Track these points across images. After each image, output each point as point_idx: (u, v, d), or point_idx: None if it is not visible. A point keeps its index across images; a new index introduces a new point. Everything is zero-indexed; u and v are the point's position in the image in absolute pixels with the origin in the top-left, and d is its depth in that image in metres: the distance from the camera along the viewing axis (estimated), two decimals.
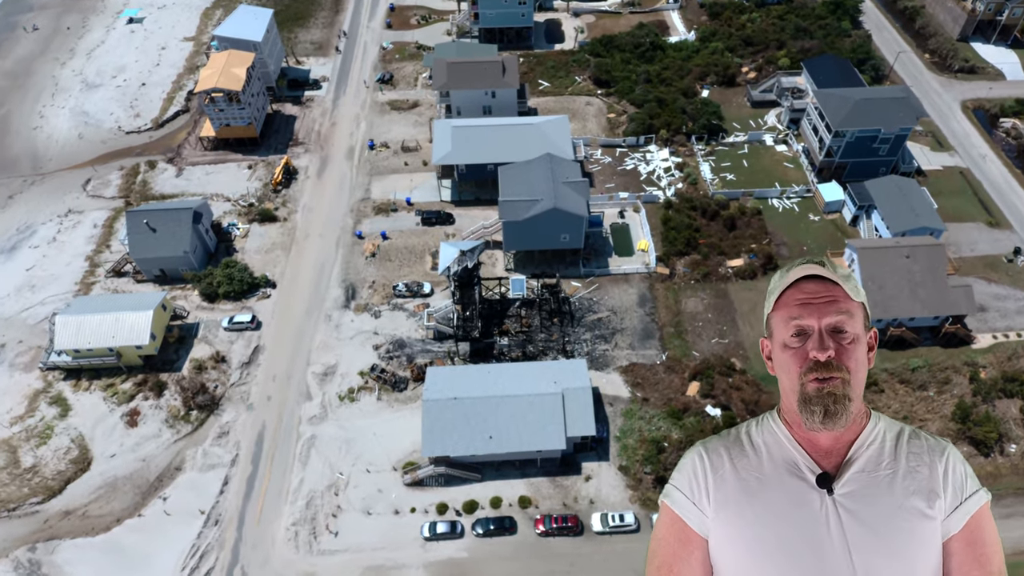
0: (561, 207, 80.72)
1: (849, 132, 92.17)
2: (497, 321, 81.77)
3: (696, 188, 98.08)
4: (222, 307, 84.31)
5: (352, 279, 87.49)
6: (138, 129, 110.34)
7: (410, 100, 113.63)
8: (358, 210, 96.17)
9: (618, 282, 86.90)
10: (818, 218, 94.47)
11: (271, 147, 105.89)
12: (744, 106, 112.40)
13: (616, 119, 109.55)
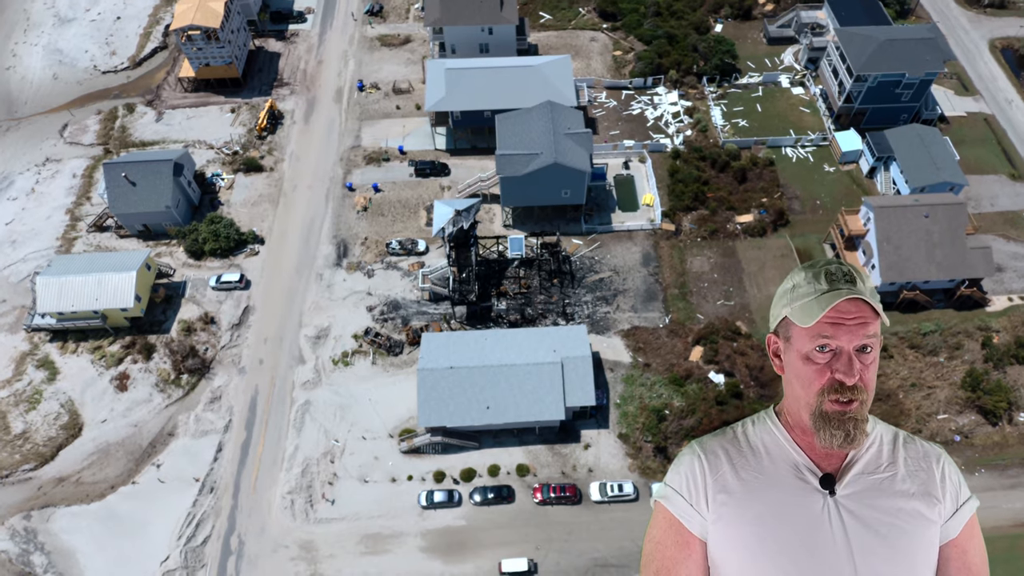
0: (562, 162, 76.15)
1: (871, 76, 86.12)
2: (495, 282, 78.81)
3: (706, 136, 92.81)
4: (209, 264, 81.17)
5: (343, 235, 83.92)
6: (115, 68, 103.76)
7: (401, 35, 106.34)
8: (348, 159, 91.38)
9: (621, 239, 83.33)
10: (833, 169, 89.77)
11: (255, 88, 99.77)
12: (760, 43, 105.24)
13: (622, 57, 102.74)
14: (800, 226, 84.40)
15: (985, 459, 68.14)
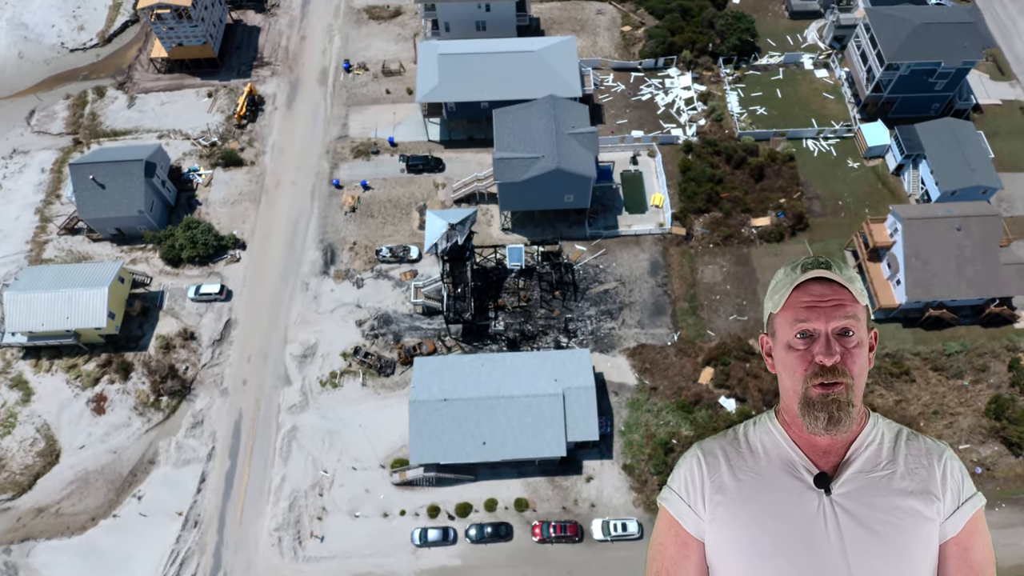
0: (565, 167, 70.04)
1: (904, 65, 78.71)
2: (492, 294, 73.88)
3: (721, 126, 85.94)
4: (187, 272, 76.16)
5: (330, 239, 78.49)
6: (83, 46, 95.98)
7: (391, 6, 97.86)
8: (335, 151, 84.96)
9: (628, 245, 77.90)
10: (858, 164, 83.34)
11: (233, 68, 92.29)
12: (782, 16, 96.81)
13: (631, 33, 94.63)
14: (821, 230, 78.77)
15: (1007, 492, 64.82)
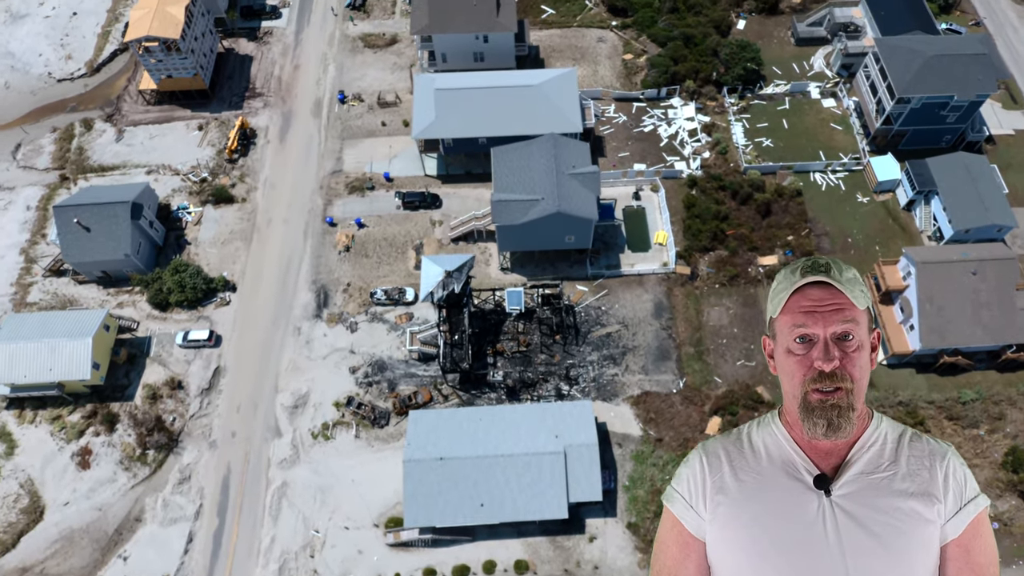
0: (566, 210, 67.60)
1: (915, 98, 76.25)
2: (491, 338, 71.37)
3: (726, 159, 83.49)
4: (176, 317, 73.70)
5: (324, 280, 76.03)
6: (71, 76, 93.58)
7: (387, 35, 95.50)
8: (328, 187, 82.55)
9: (631, 285, 75.41)
10: (867, 199, 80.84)
11: (224, 100, 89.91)
12: (787, 43, 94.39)
13: (633, 62, 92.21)
14: None
15: None
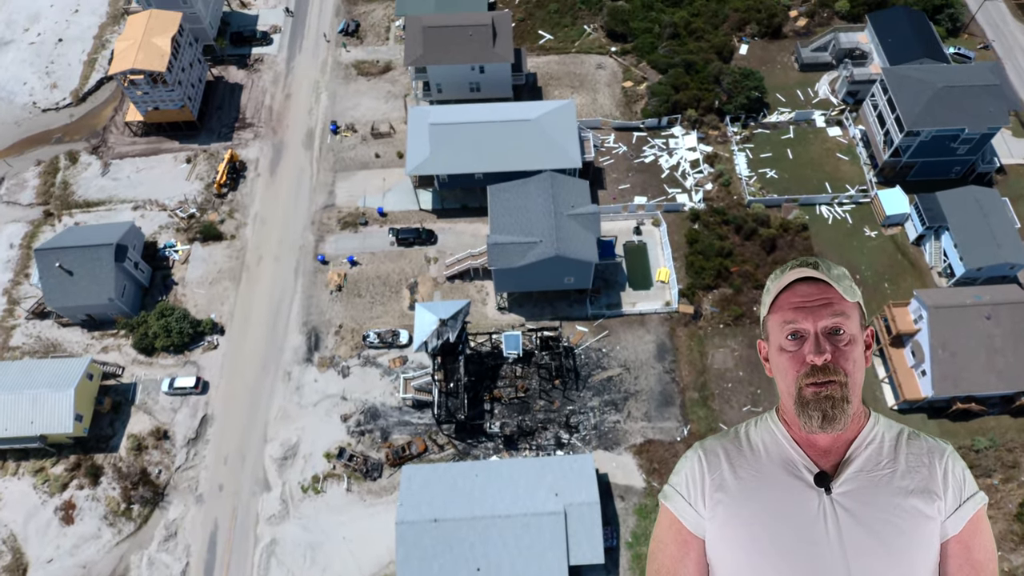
0: (565, 253, 65.22)
1: (925, 131, 73.92)
2: (487, 384, 68.96)
3: (729, 191, 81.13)
4: (162, 362, 71.29)
5: (315, 321, 73.63)
6: (56, 106, 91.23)
7: (381, 62, 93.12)
8: (320, 223, 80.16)
9: (632, 325, 73.01)
10: (875, 233, 78.49)
11: (213, 131, 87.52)
12: (791, 68, 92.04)
13: (633, 89, 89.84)
14: None
15: None
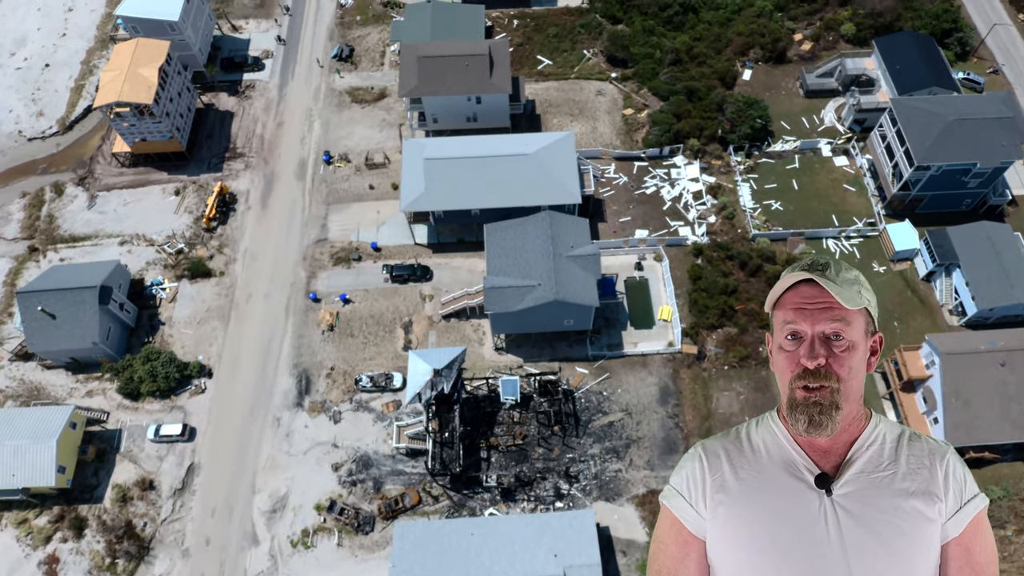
0: (564, 298, 62.96)
1: (935, 166, 71.65)
2: (484, 430, 66.65)
3: (733, 225, 78.84)
4: (148, 407, 69.02)
5: (306, 363, 71.35)
6: (42, 134, 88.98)
7: (376, 88, 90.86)
8: (312, 258, 77.89)
9: (634, 367, 70.71)
10: (884, 268, 76.17)
11: (203, 161, 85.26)
12: (796, 95, 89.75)
13: (634, 117, 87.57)
14: None
15: None
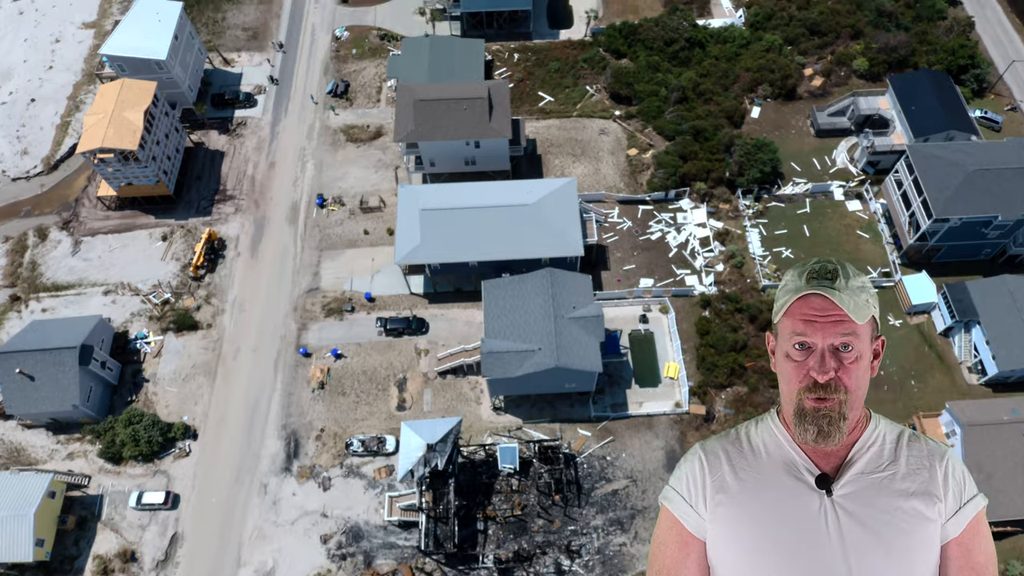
0: (566, 364, 59.88)
1: (954, 219, 68.47)
2: (480, 499, 63.58)
3: (742, 274, 75.69)
4: (130, 471, 66.10)
5: (295, 424, 68.36)
6: (27, 174, 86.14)
7: (371, 127, 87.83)
8: (303, 308, 74.90)
9: (639, 429, 67.61)
10: (900, 322, 72.95)
11: (191, 204, 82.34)
12: (806, 134, 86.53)
13: (639, 157, 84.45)
14: None
15: None
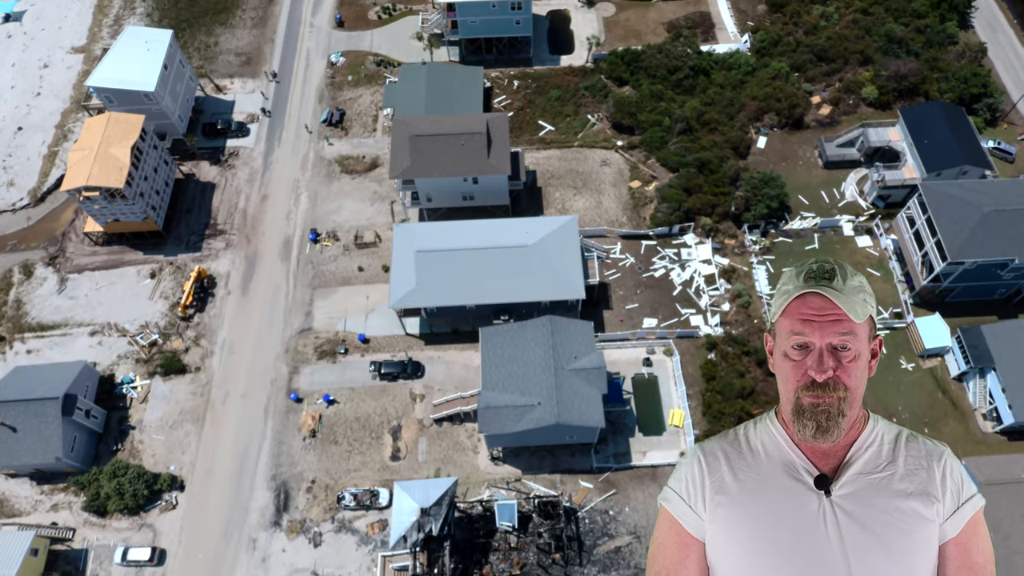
0: (567, 421, 57.46)
1: (969, 261, 66.01)
2: (477, 557, 61.14)
3: (749, 314, 73.27)
4: (115, 524, 63.75)
5: (285, 474, 65.97)
6: (12, 207, 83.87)
7: (367, 157, 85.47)
8: (295, 350, 72.52)
9: (643, 480, 65.17)
10: (912, 365, 70.48)
11: (181, 239, 80.00)
12: (814, 166, 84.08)
13: (641, 190, 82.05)
14: None
15: None
